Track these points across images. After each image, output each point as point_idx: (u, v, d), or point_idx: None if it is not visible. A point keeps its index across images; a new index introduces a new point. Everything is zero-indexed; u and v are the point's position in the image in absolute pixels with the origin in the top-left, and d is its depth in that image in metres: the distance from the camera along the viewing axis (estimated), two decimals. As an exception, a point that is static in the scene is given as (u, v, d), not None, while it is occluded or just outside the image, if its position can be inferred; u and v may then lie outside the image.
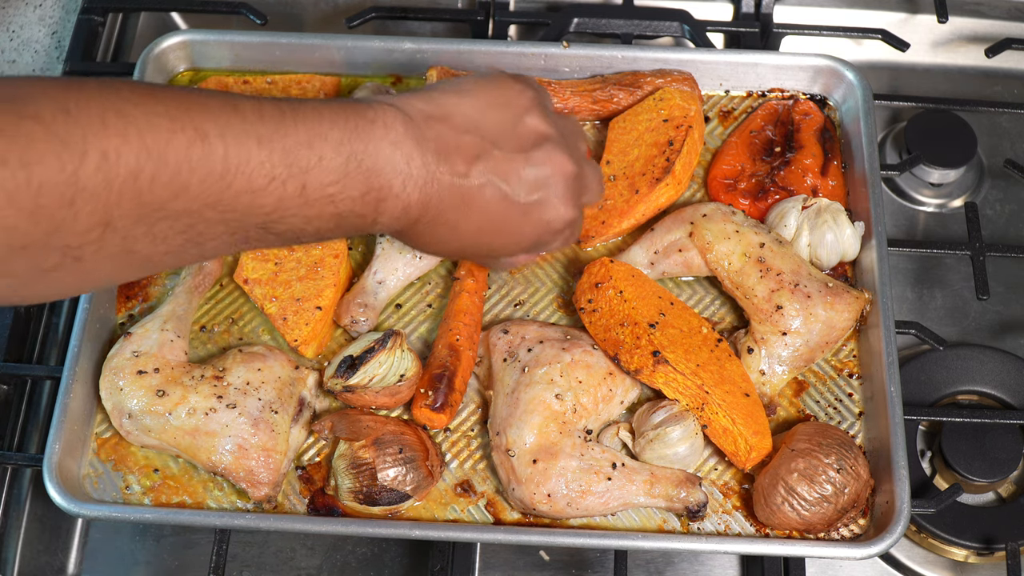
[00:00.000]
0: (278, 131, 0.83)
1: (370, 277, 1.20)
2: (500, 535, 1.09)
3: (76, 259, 0.76)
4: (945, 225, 1.42)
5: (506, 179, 0.94)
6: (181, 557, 1.24)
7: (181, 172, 0.77)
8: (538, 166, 0.96)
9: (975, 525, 1.20)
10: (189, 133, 0.77)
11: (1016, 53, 1.45)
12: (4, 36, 1.51)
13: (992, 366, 1.28)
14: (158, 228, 0.78)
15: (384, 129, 0.89)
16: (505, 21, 1.45)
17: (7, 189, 0.69)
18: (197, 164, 0.78)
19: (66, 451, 1.11)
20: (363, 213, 0.89)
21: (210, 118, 0.79)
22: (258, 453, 1.09)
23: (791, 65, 1.32)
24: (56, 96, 0.72)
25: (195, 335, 1.21)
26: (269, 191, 0.82)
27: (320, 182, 0.85)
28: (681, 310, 1.16)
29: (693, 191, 1.29)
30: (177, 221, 0.79)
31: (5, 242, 0.71)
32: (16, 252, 0.72)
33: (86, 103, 0.73)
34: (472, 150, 0.93)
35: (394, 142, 0.89)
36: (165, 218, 0.78)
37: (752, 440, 1.09)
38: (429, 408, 1.12)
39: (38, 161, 0.70)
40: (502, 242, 0.99)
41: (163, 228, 0.79)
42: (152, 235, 0.79)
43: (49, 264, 0.75)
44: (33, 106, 0.71)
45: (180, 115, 0.78)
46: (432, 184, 0.91)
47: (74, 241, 0.74)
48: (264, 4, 1.46)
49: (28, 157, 0.69)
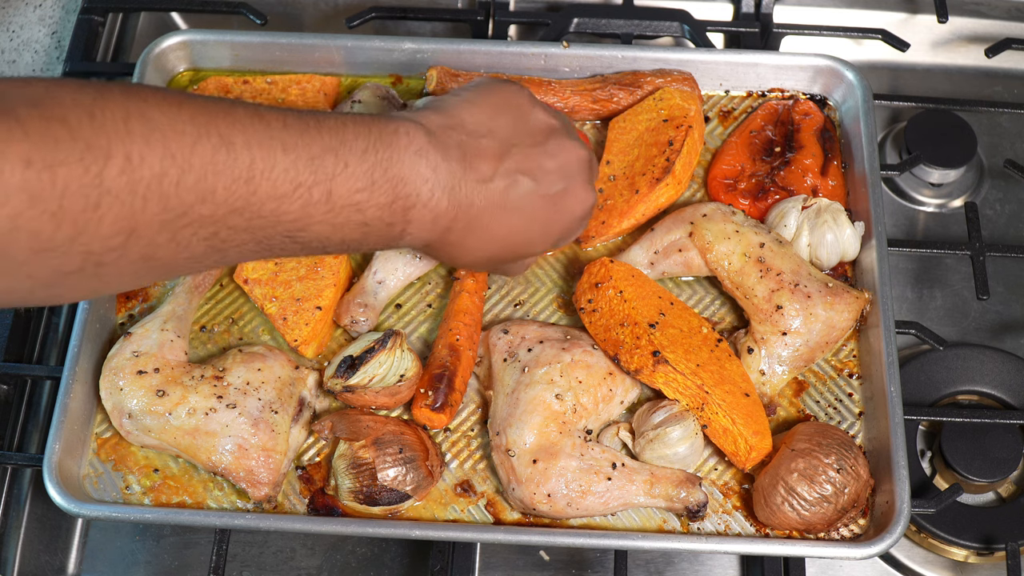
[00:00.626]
0: (303, 139, 0.83)
1: (370, 277, 1.20)
2: (500, 535, 1.09)
3: (98, 264, 0.76)
4: (945, 225, 1.42)
5: (531, 174, 0.97)
6: (181, 557, 1.24)
7: (207, 176, 0.77)
8: (556, 156, 0.99)
9: (975, 525, 1.20)
10: (214, 140, 0.78)
11: (1016, 53, 1.45)
12: (4, 36, 1.51)
13: (992, 366, 1.28)
14: (182, 235, 0.78)
15: (407, 138, 0.90)
16: (505, 21, 1.45)
17: (31, 191, 0.69)
18: (223, 169, 0.78)
19: (66, 451, 1.11)
20: (391, 222, 0.89)
21: (235, 125, 0.80)
22: (258, 453, 1.09)
23: (791, 65, 1.32)
24: (81, 100, 0.73)
25: (195, 335, 1.21)
26: (295, 197, 0.83)
27: (346, 189, 0.85)
28: (681, 310, 1.16)
29: (693, 191, 1.29)
30: (202, 228, 0.79)
31: (28, 245, 0.71)
32: (39, 255, 0.72)
33: (111, 108, 0.74)
34: (493, 152, 0.95)
35: (418, 151, 0.90)
36: (190, 224, 0.78)
37: (752, 440, 1.09)
38: (429, 408, 1.12)
39: (62, 163, 0.70)
40: (533, 239, 1.00)
41: (187, 235, 0.79)
42: (176, 242, 0.79)
43: (71, 268, 0.75)
44: (60, 109, 0.71)
45: (205, 122, 0.78)
46: (460, 190, 0.92)
47: (97, 247, 0.74)
48: (264, 4, 1.46)
49: (53, 159, 0.69)
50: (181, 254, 0.80)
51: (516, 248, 1.01)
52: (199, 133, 0.77)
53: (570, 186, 1.00)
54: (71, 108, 0.72)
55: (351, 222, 0.87)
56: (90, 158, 0.71)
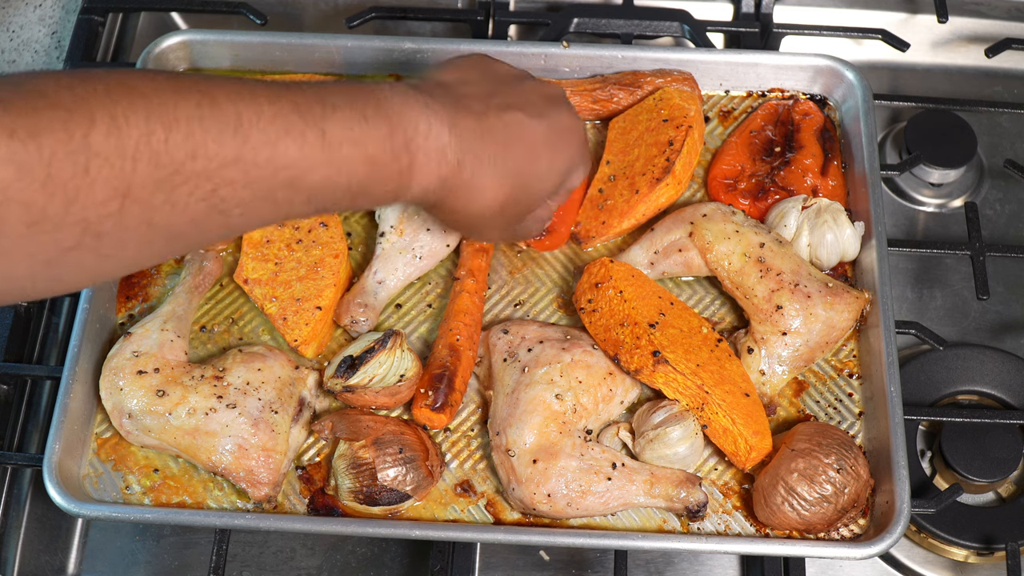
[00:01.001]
0: (287, 93, 0.84)
1: (370, 277, 1.20)
2: (500, 535, 1.09)
3: (96, 235, 0.75)
4: (945, 225, 1.42)
5: (519, 107, 0.99)
6: (181, 557, 1.24)
7: (194, 131, 0.77)
8: (535, 91, 1.03)
9: (975, 525, 1.20)
10: (196, 96, 0.78)
11: (1016, 53, 1.45)
12: (4, 36, 1.51)
13: (992, 366, 1.28)
14: (178, 194, 0.77)
15: (391, 89, 0.90)
16: (505, 21, 1.45)
17: (17, 161, 0.69)
18: (209, 122, 0.78)
19: (66, 451, 1.11)
20: (396, 154, 0.88)
21: (216, 85, 0.80)
22: (258, 453, 1.09)
23: (791, 65, 1.32)
24: (61, 79, 0.73)
25: (195, 335, 1.21)
26: (288, 142, 0.82)
27: (340, 127, 0.85)
28: (681, 310, 1.16)
29: (693, 191, 1.29)
30: (198, 186, 0.78)
31: (22, 218, 0.70)
32: (34, 229, 0.71)
33: (91, 81, 0.74)
34: (477, 94, 0.97)
35: (404, 94, 0.90)
36: (185, 182, 0.77)
37: (752, 440, 1.09)
38: (429, 408, 1.12)
39: (46, 130, 0.70)
40: (541, 171, 1.01)
41: (183, 193, 0.77)
42: (172, 203, 0.77)
43: (69, 242, 0.74)
44: (40, 86, 0.72)
45: (187, 85, 0.78)
46: (458, 123, 0.93)
47: (93, 214, 0.73)
48: (264, 4, 1.46)
49: (36, 128, 0.69)
50: (180, 217, 0.79)
51: (528, 184, 1.00)
52: (180, 93, 0.77)
53: (557, 113, 1.02)
54: (52, 85, 0.72)
55: (353, 159, 0.86)
56: (74, 124, 0.71)
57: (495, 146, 0.96)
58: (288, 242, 1.20)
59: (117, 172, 0.73)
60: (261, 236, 1.21)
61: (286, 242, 1.20)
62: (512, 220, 1.04)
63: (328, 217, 1.22)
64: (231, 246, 1.25)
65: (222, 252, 1.24)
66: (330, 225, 1.21)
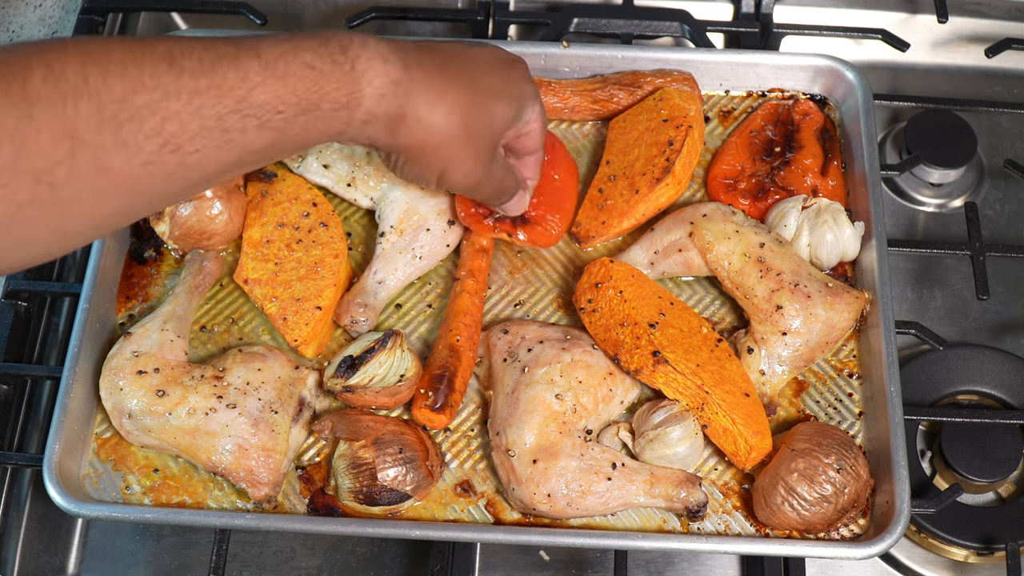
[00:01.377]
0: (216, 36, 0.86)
1: (370, 277, 1.20)
2: (500, 535, 1.09)
3: (50, 186, 0.75)
4: (945, 225, 1.42)
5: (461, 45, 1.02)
6: (181, 557, 1.24)
7: (129, 69, 0.78)
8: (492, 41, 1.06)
9: (975, 525, 1.20)
10: (128, 43, 0.80)
11: (1016, 53, 1.45)
12: (4, 36, 1.51)
13: (992, 366, 1.28)
14: (126, 133, 0.77)
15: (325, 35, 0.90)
16: (505, 21, 1.45)
17: None
18: (142, 56, 0.79)
19: (66, 451, 1.11)
20: (336, 60, 0.87)
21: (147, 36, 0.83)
22: (258, 453, 1.09)
23: (791, 65, 1.32)
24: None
25: (195, 335, 1.21)
26: (225, 63, 0.82)
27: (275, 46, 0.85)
28: (681, 310, 1.16)
29: (693, 191, 1.29)
30: (144, 121, 0.78)
31: None
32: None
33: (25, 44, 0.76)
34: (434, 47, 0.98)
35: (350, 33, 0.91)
36: (130, 119, 0.77)
37: (752, 440, 1.09)
38: (429, 408, 1.12)
39: None
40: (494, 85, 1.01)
41: (131, 132, 0.78)
42: (123, 143, 0.77)
43: (23, 195, 0.74)
44: None
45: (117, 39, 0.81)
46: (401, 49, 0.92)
47: (42, 162, 0.74)
48: (264, 4, 1.46)
49: None
50: (133, 159, 0.78)
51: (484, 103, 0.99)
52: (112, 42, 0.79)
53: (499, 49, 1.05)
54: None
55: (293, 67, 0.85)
56: (11, 75, 0.73)
57: (439, 56, 0.97)
58: (288, 242, 1.20)
59: (59, 114, 0.74)
60: (261, 236, 1.21)
61: (286, 242, 1.20)
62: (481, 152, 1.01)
63: (328, 217, 1.22)
64: (231, 246, 1.25)
65: (222, 252, 1.24)
66: (330, 225, 1.22)
